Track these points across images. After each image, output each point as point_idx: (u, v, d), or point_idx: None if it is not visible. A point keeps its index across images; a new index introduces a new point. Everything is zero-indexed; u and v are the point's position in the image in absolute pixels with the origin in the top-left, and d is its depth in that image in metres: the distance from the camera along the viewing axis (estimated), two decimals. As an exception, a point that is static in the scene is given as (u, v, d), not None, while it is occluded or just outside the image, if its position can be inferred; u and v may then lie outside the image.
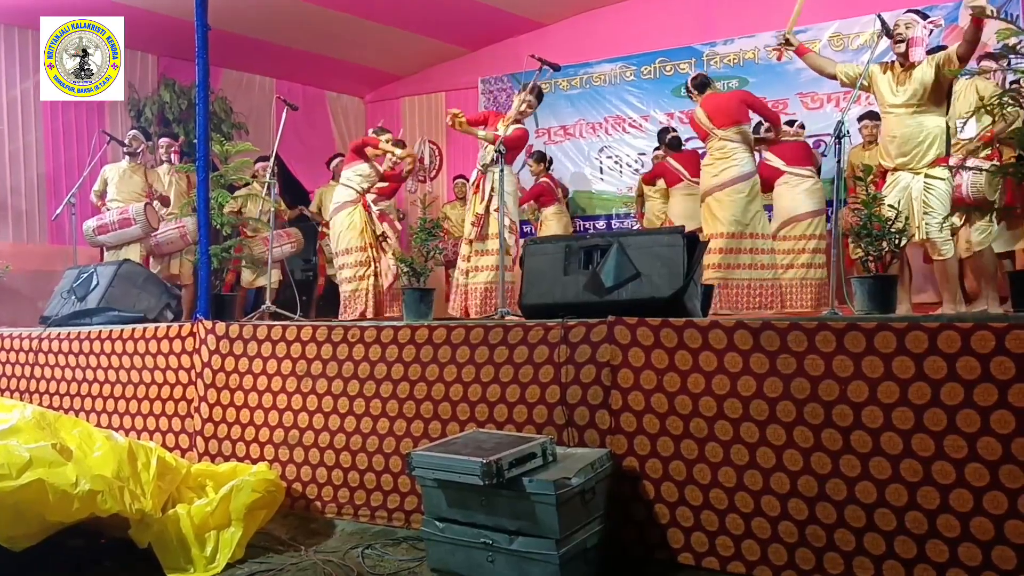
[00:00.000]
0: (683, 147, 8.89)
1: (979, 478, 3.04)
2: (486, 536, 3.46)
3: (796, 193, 7.45)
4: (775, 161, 7.64)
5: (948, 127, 5.30)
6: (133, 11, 6.91)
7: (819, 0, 9.40)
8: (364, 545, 4.07)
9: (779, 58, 6.40)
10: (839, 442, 3.29)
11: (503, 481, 3.32)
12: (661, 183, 9.00)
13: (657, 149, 9.40)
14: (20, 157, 9.11)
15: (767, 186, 7.49)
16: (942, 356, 3.12)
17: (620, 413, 3.77)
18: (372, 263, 7.55)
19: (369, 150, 7.72)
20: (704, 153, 7.34)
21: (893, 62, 5.38)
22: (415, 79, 12.43)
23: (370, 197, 8.19)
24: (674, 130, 9.14)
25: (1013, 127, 5.77)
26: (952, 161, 5.30)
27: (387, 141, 7.64)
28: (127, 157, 8.43)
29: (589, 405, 3.87)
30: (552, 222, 9.43)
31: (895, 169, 5.32)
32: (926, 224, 5.17)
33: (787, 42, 5.68)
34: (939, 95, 5.21)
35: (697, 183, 7.49)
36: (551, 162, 10.21)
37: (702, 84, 7.20)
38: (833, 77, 5.62)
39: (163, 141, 8.80)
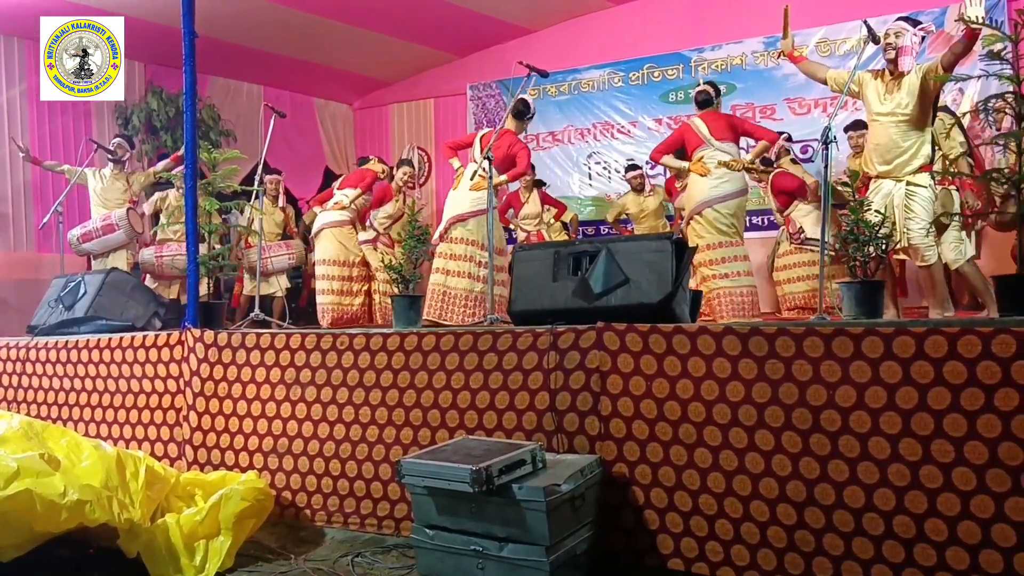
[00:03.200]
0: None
1: (966, 482, 3.05)
2: (476, 543, 3.46)
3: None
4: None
5: (933, 137, 5.33)
6: (120, 19, 6.92)
7: (806, 6, 9.45)
8: (354, 553, 4.06)
9: (779, 56, 6.52)
10: (827, 447, 3.30)
11: (493, 488, 3.32)
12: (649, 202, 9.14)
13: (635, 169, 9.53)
14: (7, 165, 9.07)
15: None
16: (929, 361, 3.13)
17: (609, 419, 3.78)
18: (355, 281, 7.62)
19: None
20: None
21: (883, 70, 5.41)
22: (403, 86, 12.43)
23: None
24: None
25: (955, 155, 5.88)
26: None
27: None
28: (110, 164, 8.41)
29: (578, 411, 3.87)
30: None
31: (878, 176, 5.35)
32: (908, 230, 5.20)
33: (783, 53, 5.77)
34: (925, 105, 5.24)
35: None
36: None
37: (698, 102, 7.11)
38: (823, 82, 5.68)
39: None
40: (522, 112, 7.09)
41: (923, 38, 5.38)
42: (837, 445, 3.28)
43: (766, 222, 9.36)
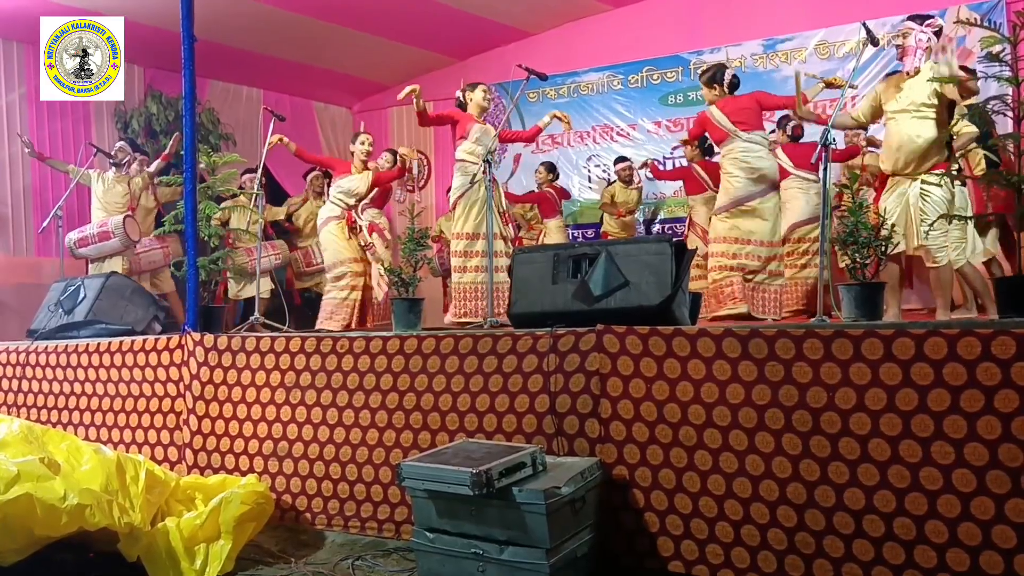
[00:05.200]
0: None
1: (966, 484, 3.05)
2: (476, 546, 3.46)
3: (810, 196, 7.45)
4: (784, 160, 7.60)
5: (951, 135, 5.32)
6: (119, 22, 6.91)
7: (805, 9, 9.47)
8: (354, 556, 4.07)
9: (798, 116, 6.42)
10: (827, 449, 3.30)
11: (493, 491, 3.32)
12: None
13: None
14: (6, 168, 9.06)
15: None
16: (928, 363, 3.13)
17: (609, 422, 3.78)
18: (362, 276, 7.56)
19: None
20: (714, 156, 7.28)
21: (897, 72, 5.43)
22: (402, 89, 12.40)
23: (364, 203, 8.18)
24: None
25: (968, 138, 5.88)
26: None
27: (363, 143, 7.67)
28: (113, 168, 8.41)
29: (578, 414, 3.87)
30: (554, 234, 9.46)
31: (894, 174, 5.33)
32: (921, 231, 5.18)
33: (803, 118, 5.77)
34: (941, 106, 5.24)
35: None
36: (558, 175, 10.17)
37: (733, 84, 6.76)
38: (855, 125, 5.69)
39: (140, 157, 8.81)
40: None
41: (938, 32, 5.35)
42: (837, 447, 3.28)
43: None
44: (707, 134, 7.14)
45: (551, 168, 9.98)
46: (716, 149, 7.06)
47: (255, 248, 8.49)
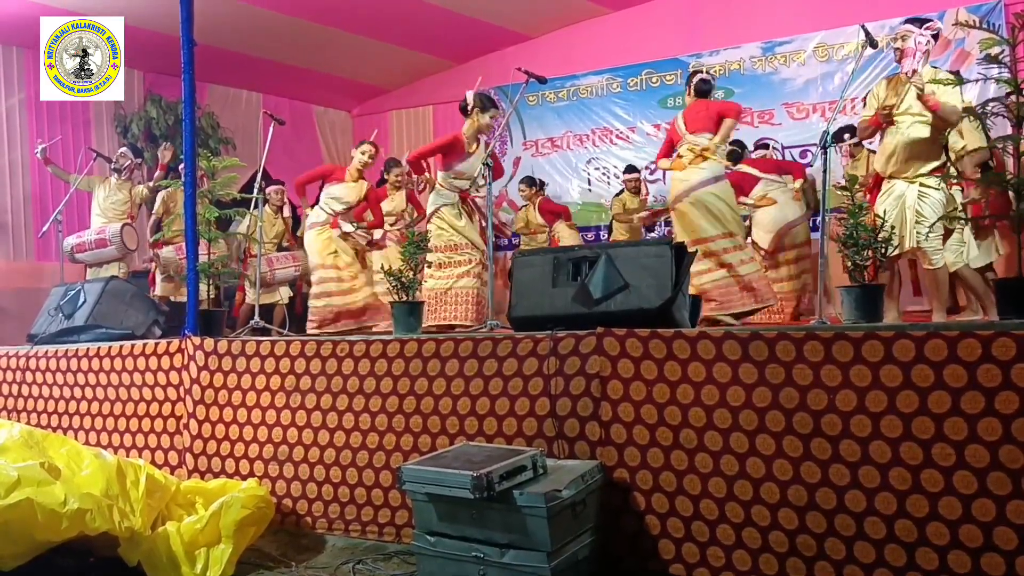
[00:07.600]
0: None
1: (967, 486, 3.05)
2: (477, 550, 3.45)
3: (784, 200, 7.42)
4: (748, 169, 7.58)
5: (947, 138, 5.32)
6: (118, 27, 6.92)
7: (804, 11, 9.49)
8: (355, 560, 4.06)
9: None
10: (828, 451, 3.30)
11: (493, 494, 3.31)
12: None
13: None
14: (6, 174, 9.08)
15: (742, 192, 7.32)
16: (929, 364, 3.13)
17: (610, 424, 3.77)
18: (338, 282, 7.46)
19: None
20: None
21: (896, 75, 5.42)
22: (402, 92, 12.45)
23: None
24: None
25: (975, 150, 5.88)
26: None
27: (363, 153, 7.55)
28: (115, 174, 8.40)
29: (579, 417, 3.87)
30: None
31: (890, 176, 5.33)
32: (917, 233, 5.18)
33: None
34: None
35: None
36: (543, 184, 10.09)
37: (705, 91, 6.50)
38: (873, 129, 5.63)
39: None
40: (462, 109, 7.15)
41: (936, 35, 5.32)
42: (838, 449, 3.28)
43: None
44: None
45: (532, 182, 9.87)
46: None
47: (277, 258, 8.53)
